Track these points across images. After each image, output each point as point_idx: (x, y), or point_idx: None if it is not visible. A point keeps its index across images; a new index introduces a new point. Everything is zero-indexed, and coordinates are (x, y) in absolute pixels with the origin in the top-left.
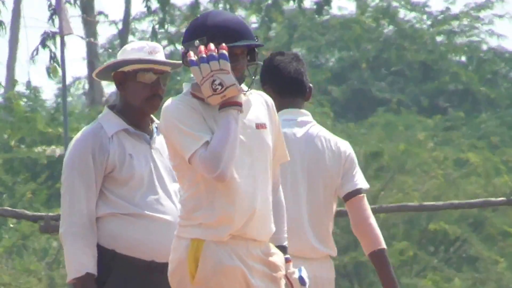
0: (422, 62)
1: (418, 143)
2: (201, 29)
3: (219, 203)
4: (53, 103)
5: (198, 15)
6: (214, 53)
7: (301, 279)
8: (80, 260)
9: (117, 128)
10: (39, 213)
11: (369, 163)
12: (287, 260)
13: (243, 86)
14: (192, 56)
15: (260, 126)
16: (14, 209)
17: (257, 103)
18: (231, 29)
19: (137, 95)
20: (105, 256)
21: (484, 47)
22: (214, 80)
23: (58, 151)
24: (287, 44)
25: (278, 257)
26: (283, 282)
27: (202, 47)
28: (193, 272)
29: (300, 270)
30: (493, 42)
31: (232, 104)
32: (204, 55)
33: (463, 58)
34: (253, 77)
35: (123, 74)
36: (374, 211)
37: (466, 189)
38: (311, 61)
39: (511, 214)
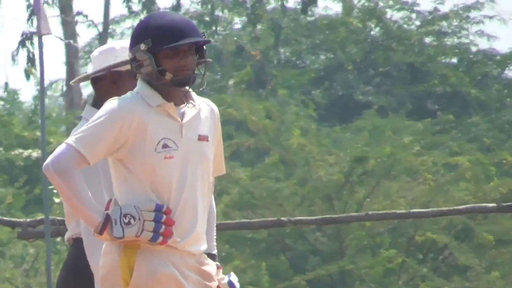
0: (410, 64)
1: (404, 147)
2: (146, 32)
3: None
4: (31, 106)
5: (142, 19)
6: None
7: (230, 284)
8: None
9: None
10: (17, 219)
11: (354, 168)
12: (217, 267)
13: (193, 95)
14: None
15: (202, 138)
16: None
17: (204, 113)
18: (175, 28)
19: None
20: None
21: (474, 48)
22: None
23: (35, 154)
24: (273, 45)
25: (211, 267)
26: None
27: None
28: (127, 278)
29: (229, 275)
30: (483, 43)
31: (102, 233)
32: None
33: (453, 60)
34: (203, 74)
35: (118, 74)
36: (360, 220)
37: (455, 195)
38: (296, 63)
39: (502, 221)
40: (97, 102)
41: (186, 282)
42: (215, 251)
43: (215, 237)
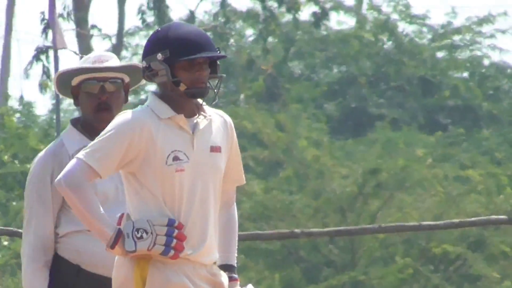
0: (421, 77)
1: (417, 159)
2: (164, 42)
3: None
4: (46, 119)
5: (159, 28)
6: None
7: None
8: (33, 285)
9: (78, 146)
10: None
11: (367, 180)
12: (234, 279)
13: (205, 107)
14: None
15: (214, 149)
16: (7, 228)
17: (216, 123)
18: (193, 41)
19: (85, 107)
20: (70, 271)
21: (486, 62)
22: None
23: None
24: (284, 59)
25: (223, 278)
26: None
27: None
28: None
29: (245, 287)
30: (495, 56)
31: (114, 247)
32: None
33: (465, 74)
34: (215, 90)
35: (75, 89)
36: (373, 232)
37: (466, 207)
38: (309, 77)
39: None
40: None
41: None
42: (234, 262)
43: (236, 248)
